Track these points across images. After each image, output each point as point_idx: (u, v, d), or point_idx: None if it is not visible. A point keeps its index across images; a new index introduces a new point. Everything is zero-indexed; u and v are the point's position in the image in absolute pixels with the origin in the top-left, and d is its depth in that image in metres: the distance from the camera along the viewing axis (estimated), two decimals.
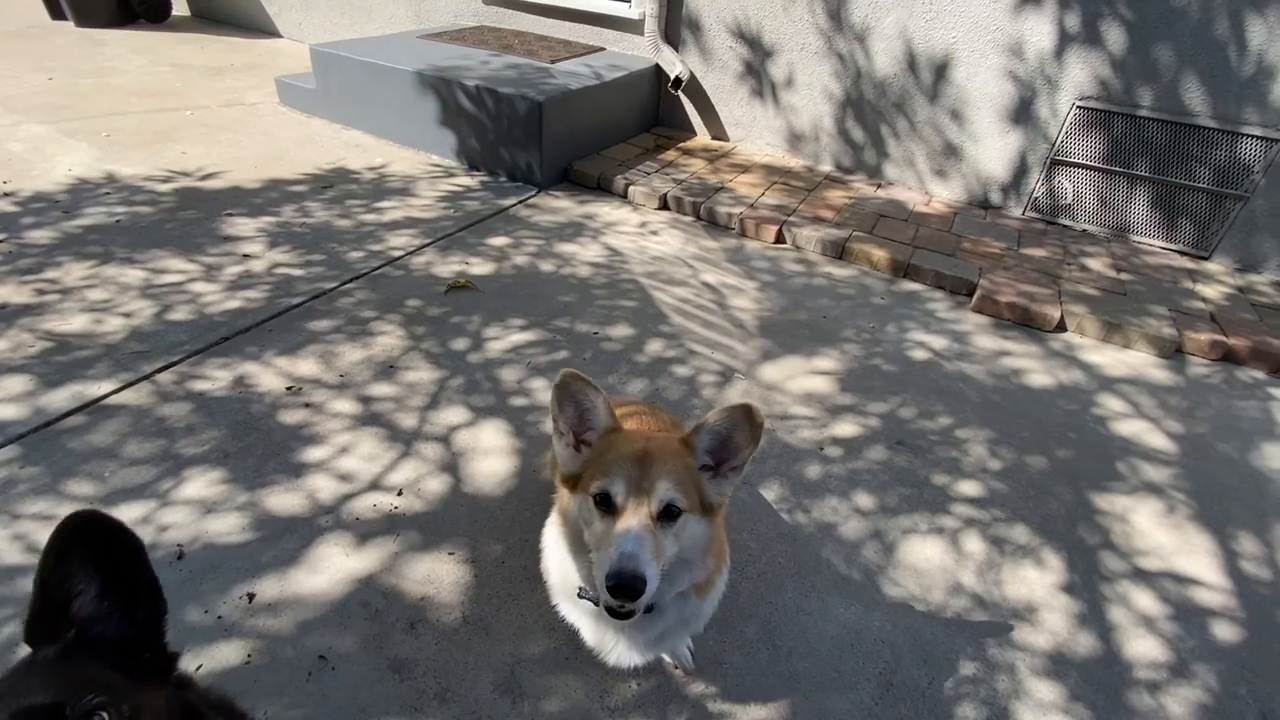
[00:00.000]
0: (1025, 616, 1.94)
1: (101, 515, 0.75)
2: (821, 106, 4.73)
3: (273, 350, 2.62)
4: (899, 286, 3.65)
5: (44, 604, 0.74)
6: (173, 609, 1.67)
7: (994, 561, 2.10)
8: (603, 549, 1.11)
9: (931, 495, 2.32)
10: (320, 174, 4.17)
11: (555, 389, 1.20)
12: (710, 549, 1.27)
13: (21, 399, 2.25)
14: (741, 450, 1.22)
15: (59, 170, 3.85)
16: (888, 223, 4.13)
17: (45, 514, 1.88)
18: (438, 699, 1.57)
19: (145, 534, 1.85)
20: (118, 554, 0.77)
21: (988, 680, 1.75)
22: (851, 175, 4.85)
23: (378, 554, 1.88)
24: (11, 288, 2.81)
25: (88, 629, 0.76)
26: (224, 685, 1.53)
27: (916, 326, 3.30)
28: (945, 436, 2.60)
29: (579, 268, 3.48)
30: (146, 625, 0.81)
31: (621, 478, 1.14)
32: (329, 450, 2.20)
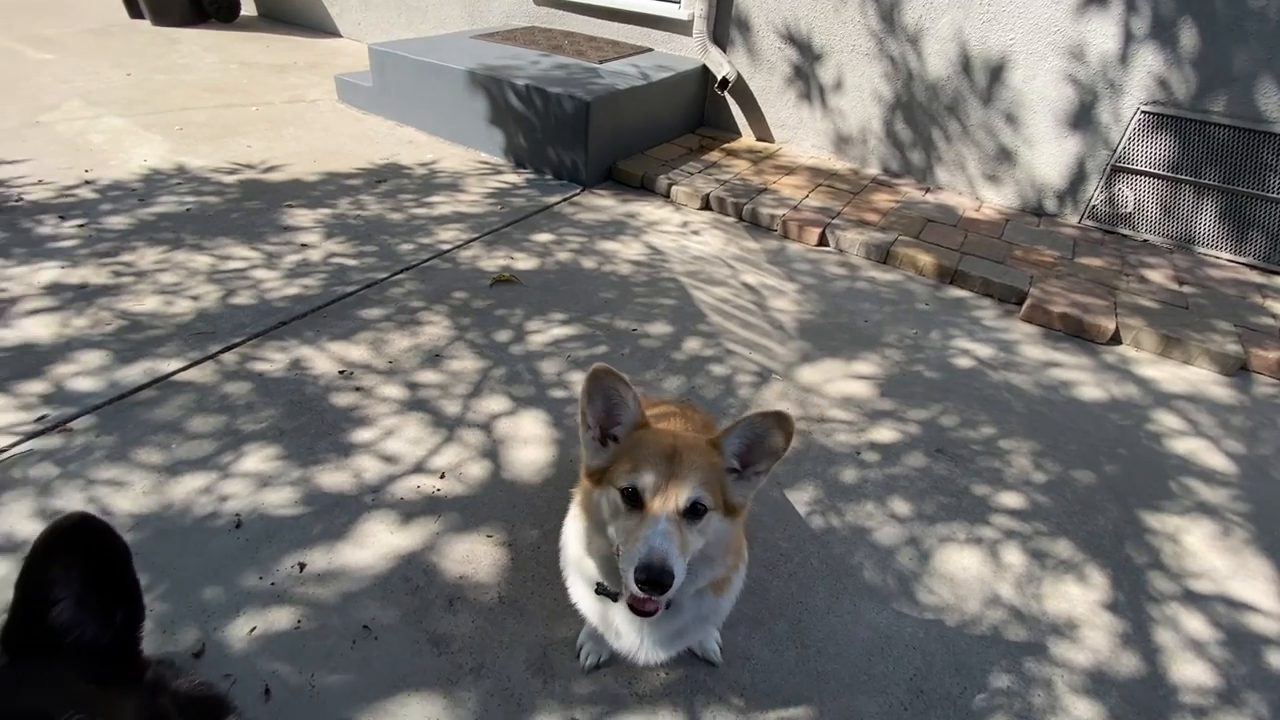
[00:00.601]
0: (1065, 633, 1.89)
1: (93, 520, 0.74)
2: (870, 109, 4.67)
3: (327, 336, 2.73)
4: (945, 293, 3.58)
5: (24, 611, 0.73)
6: (229, 576, 1.78)
7: (1034, 575, 2.05)
8: (629, 542, 1.13)
9: (971, 505, 2.28)
10: (374, 169, 4.32)
11: (586, 382, 1.23)
12: (730, 548, 1.29)
13: (99, 372, 2.41)
14: (769, 456, 1.23)
15: (135, 161, 4.09)
16: (935, 228, 4.05)
17: (117, 480, 2.02)
18: (473, 674, 1.62)
19: (207, 503, 1.97)
20: (104, 558, 0.77)
21: (1023, 694, 1.72)
22: (899, 179, 4.77)
23: (420, 533, 1.96)
24: (91, 269, 3.01)
25: (64, 637, 0.75)
26: (276, 649, 1.62)
27: (961, 334, 3.23)
28: (988, 446, 2.55)
29: (620, 265, 3.52)
30: (122, 631, 0.81)
31: (650, 473, 1.16)
32: (377, 432, 2.29)
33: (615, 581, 1.27)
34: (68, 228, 3.30)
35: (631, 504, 1.16)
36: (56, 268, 2.99)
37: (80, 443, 2.13)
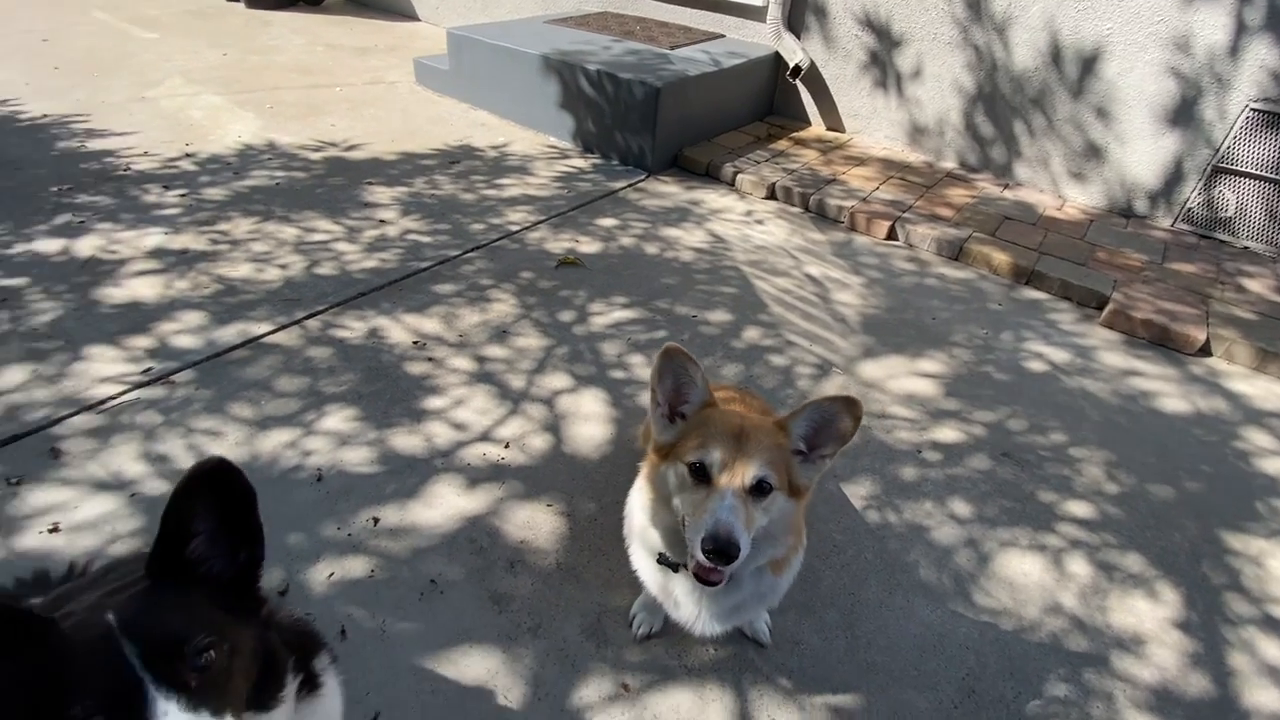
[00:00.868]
0: (1130, 647, 1.83)
1: (227, 464, 0.82)
2: (949, 100, 4.50)
3: (402, 308, 2.87)
4: (1019, 294, 3.45)
5: (168, 540, 0.81)
6: (311, 524, 1.91)
7: (1100, 587, 1.99)
8: (696, 515, 1.17)
9: (1036, 511, 2.22)
10: (448, 150, 4.46)
11: (657, 360, 1.27)
12: (792, 528, 1.31)
13: (198, 331, 2.61)
14: (836, 440, 1.25)
15: (230, 136, 4.35)
16: (1013, 225, 3.89)
17: (213, 430, 2.19)
18: (531, 633, 1.70)
19: (291, 457, 2.12)
20: (235, 500, 0.85)
21: (1080, 704, 1.68)
22: (976, 173, 4.60)
23: (484, 498, 2.05)
24: (191, 236, 3.23)
25: (198, 568, 0.85)
26: (351, 594, 1.74)
27: (1035, 337, 3.11)
28: (1057, 453, 2.47)
29: (682, 252, 3.54)
30: (245, 569, 0.89)
31: (718, 449, 1.20)
32: (447, 401, 2.40)
33: (678, 553, 1.31)
34: (170, 197, 3.55)
35: (699, 479, 1.20)
36: (161, 234, 3.23)
37: (180, 395, 2.32)
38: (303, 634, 1.04)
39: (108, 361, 2.42)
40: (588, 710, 1.56)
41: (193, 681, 0.72)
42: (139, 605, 0.77)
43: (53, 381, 2.31)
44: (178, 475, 1.99)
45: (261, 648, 0.86)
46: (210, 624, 0.78)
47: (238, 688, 0.78)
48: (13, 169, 3.65)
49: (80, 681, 0.68)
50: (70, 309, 2.66)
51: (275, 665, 0.87)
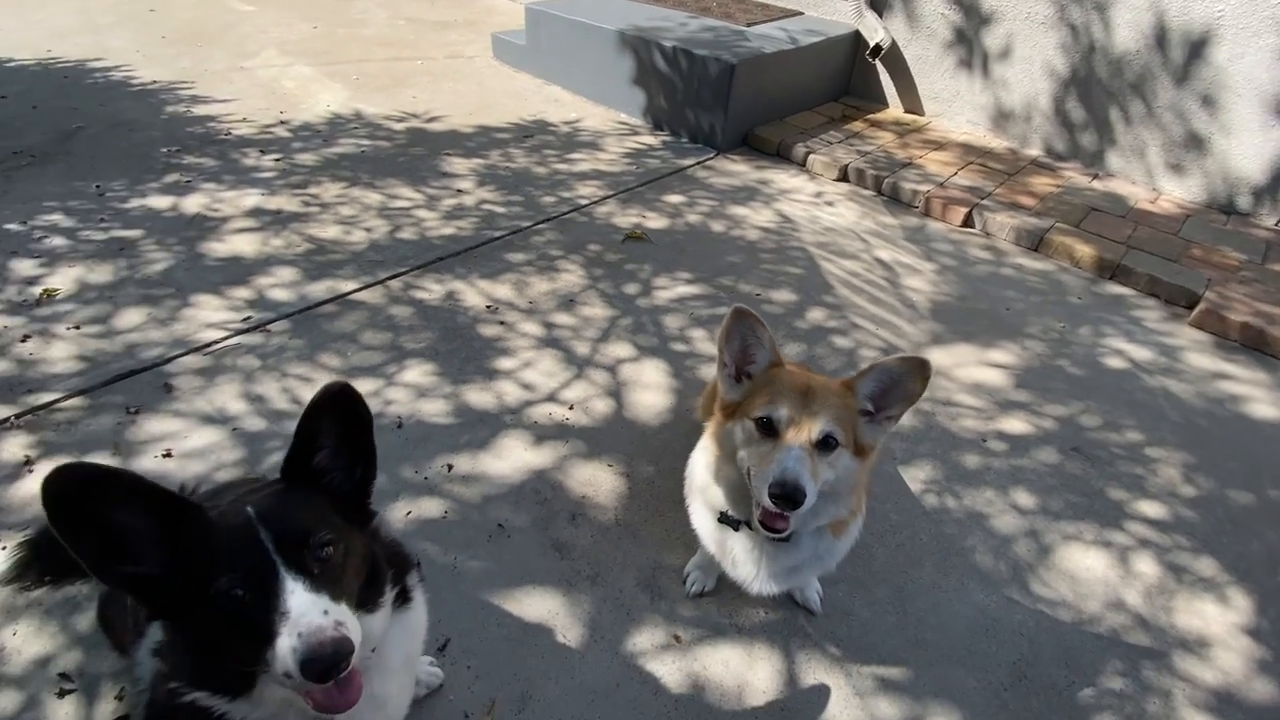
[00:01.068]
0: (1194, 649, 1.78)
1: (351, 388, 0.93)
2: (1039, 83, 4.30)
3: (477, 274, 2.99)
4: (1102, 288, 3.31)
5: (300, 449, 0.93)
6: (391, 466, 2.05)
7: (1167, 588, 1.93)
8: (763, 464, 1.21)
9: (1104, 507, 2.16)
10: (523, 124, 4.57)
11: (726, 320, 1.31)
12: (854, 490, 1.34)
13: (291, 286, 2.80)
14: (903, 400, 1.27)
15: (320, 105, 4.57)
16: (1100, 217, 3.71)
17: (305, 376, 2.36)
18: (589, 580, 1.80)
19: (375, 405, 2.27)
20: (353, 422, 0.96)
21: (1136, 699, 1.66)
22: (1063, 162, 4.38)
23: (549, 454, 2.15)
24: (285, 198, 3.45)
25: (321, 477, 0.97)
26: (426, 532, 1.87)
27: (1116, 333, 2.99)
28: (1131, 452, 2.38)
29: (748, 231, 3.54)
30: (359, 484, 1.01)
31: (785, 405, 1.23)
32: (516, 363, 2.51)
33: (740, 510, 1.36)
34: (267, 161, 3.79)
35: (766, 433, 1.24)
36: (258, 195, 3.45)
37: (276, 342, 2.50)
38: (397, 554, 1.15)
39: (212, 309, 2.64)
40: (640, 656, 1.64)
41: (315, 569, 0.82)
42: (273, 501, 0.88)
43: (165, 324, 2.54)
44: (274, 415, 2.18)
45: (369, 555, 0.96)
46: (331, 524, 0.89)
47: (350, 584, 0.88)
48: (127, 130, 3.96)
49: (225, 559, 0.80)
50: (180, 260, 2.90)
51: (378, 573, 0.98)
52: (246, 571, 0.79)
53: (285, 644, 0.74)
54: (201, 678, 0.85)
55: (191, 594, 0.79)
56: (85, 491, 0.74)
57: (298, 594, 0.78)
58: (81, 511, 0.75)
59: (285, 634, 0.75)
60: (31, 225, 3.01)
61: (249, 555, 0.80)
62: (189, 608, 0.80)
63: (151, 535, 0.80)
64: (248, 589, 0.78)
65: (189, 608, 0.80)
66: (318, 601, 0.78)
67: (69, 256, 2.84)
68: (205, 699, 0.85)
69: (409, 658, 1.11)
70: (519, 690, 1.55)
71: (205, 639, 0.82)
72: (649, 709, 1.54)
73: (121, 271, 2.79)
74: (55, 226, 3.03)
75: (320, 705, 0.81)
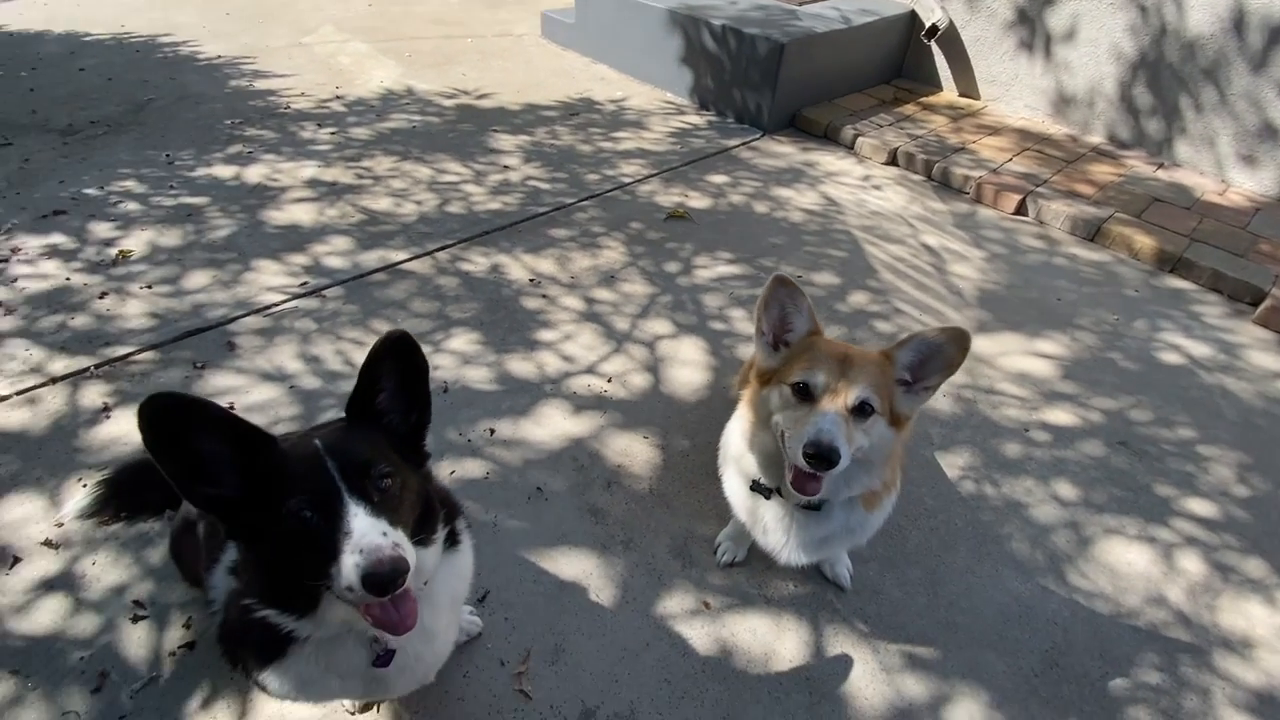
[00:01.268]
0: (1237, 649, 1.74)
1: (410, 337, 0.99)
2: (1105, 67, 4.12)
3: (521, 248, 3.05)
4: (1160, 281, 3.18)
5: (363, 390, 1.01)
6: (436, 429, 2.13)
7: (1212, 586, 1.88)
8: (798, 426, 1.23)
9: (1149, 503, 2.11)
10: (569, 102, 4.60)
11: (765, 288, 1.32)
12: (888, 462, 1.34)
13: (345, 254, 2.91)
14: (941, 370, 1.27)
15: (374, 81, 4.69)
16: (1163, 208, 3.56)
17: (358, 340, 2.46)
18: (622, 545, 1.85)
19: None
20: (411, 368, 1.02)
21: (1172, 694, 1.63)
22: (1126, 150, 4.20)
23: (587, 423, 2.21)
24: (340, 170, 3.56)
25: (381, 417, 1.04)
26: (469, 491, 1.95)
27: (1174, 327, 2.88)
28: (1182, 449, 2.31)
29: (792, 213, 3.51)
30: (415, 428, 1.07)
31: (822, 371, 1.25)
32: (557, 335, 2.56)
33: (773, 476, 1.38)
34: (323, 134, 3.91)
35: (802, 398, 1.25)
36: (315, 166, 3.57)
37: (331, 307, 2.61)
38: (447, 500, 1.21)
39: (272, 274, 2.76)
40: (670, 619, 1.69)
41: (375, 497, 0.89)
42: (339, 435, 0.95)
43: (228, 287, 2.67)
44: (328, 375, 2.28)
45: (423, 492, 1.02)
46: (389, 459, 0.95)
47: (406, 515, 0.94)
48: (194, 102, 4.14)
49: (295, 483, 0.87)
50: (242, 227, 3.04)
51: (431, 510, 1.04)
52: (314, 495, 0.86)
53: (348, 560, 0.81)
54: (271, 595, 0.93)
55: (265, 515, 0.86)
56: (175, 416, 0.82)
57: (360, 517, 0.84)
58: (171, 434, 0.82)
59: (348, 551, 0.81)
60: (108, 190, 3.19)
61: (317, 481, 0.86)
62: (263, 528, 0.87)
63: (230, 461, 0.87)
64: (315, 510, 0.85)
65: (263, 528, 0.87)
66: (377, 524, 0.84)
67: (141, 221, 3.00)
68: (274, 616, 0.93)
69: (456, 598, 1.17)
70: (552, 643, 1.61)
71: (276, 556, 0.89)
72: (677, 669, 1.59)
73: (189, 236, 2.94)
74: (129, 192, 3.20)
75: (379, 622, 0.87)
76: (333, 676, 1.02)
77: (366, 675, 1.05)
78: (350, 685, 1.06)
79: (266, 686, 1.02)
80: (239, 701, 1.45)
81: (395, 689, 1.13)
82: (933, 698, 1.59)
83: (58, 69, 4.45)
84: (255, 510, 0.87)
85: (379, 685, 1.09)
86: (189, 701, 1.44)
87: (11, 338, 2.32)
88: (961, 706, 1.58)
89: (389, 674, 1.06)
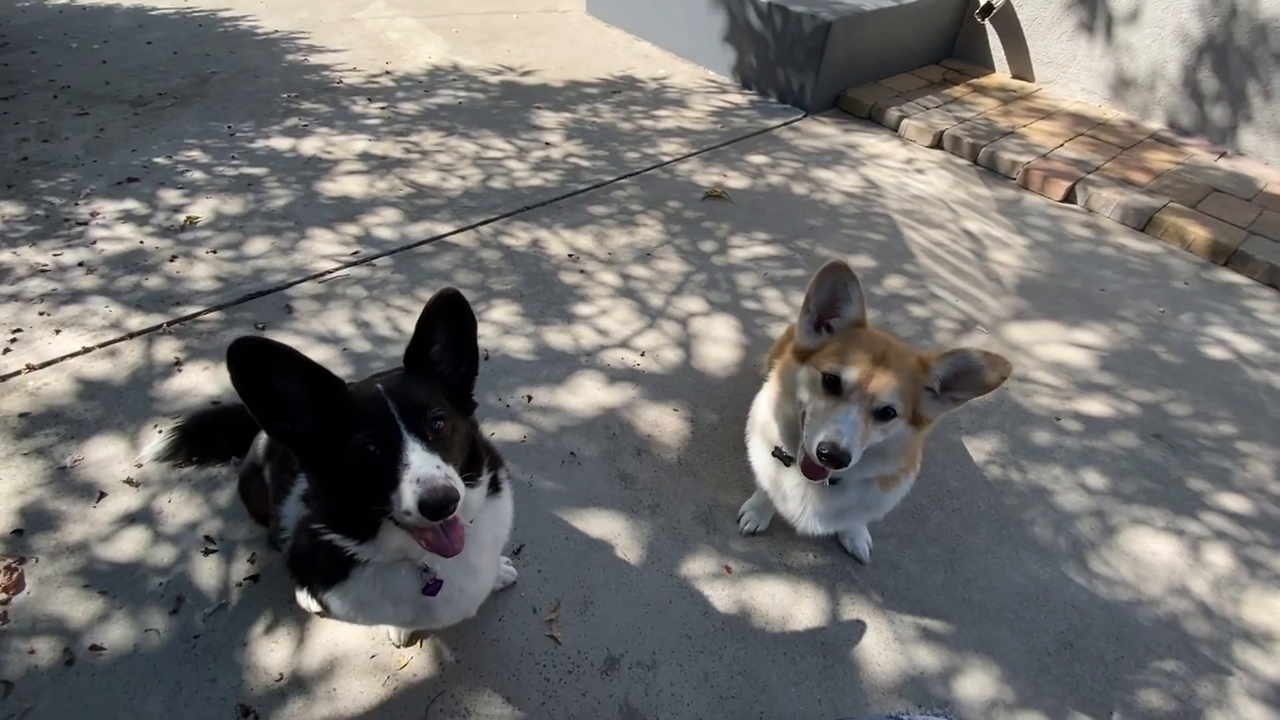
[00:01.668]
0: (1259, 642, 1.74)
1: (460, 295, 1.09)
2: (1169, 49, 3.95)
3: (560, 224, 3.13)
4: (1213, 274, 3.09)
5: (419, 342, 1.11)
6: (478, 394, 2.23)
7: (1239, 580, 1.88)
8: (818, 419, 1.29)
9: (1181, 496, 2.10)
10: (611, 80, 4.63)
11: (820, 272, 1.36)
12: (905, 453, 1.38)
13: (394, 226, 3.03)
14: (973, 390, 1.30)
15: (422, 57, 4.78)
16: (1221, 199, 3.44)
17: (405, 307, 2.59)
18: (650, 510, 1.94)
19: None
20: (461, 323, 1.11)
21: (1188, 681, 1.65)
22: (1187, 137, 4.04)
23: (620, 395, 2.29)
24: (389, 144, 3.68)
25: (435, 368, 1.13)
26: (507, 453, 2.06)
27: (1222, 322, 2.81)
28: (1221, 444, 2.28)
29: (831, 195, 3.50)
30: (464, 379, 1.17)
31: (856, 368, 1.29)
32: (593, 309, 2.65)
33: (793, 447, 1.44)
34: (373, 109, 4.03)
35: (830, 388, 1.30)
36: (366, 140, 3.70)
37: (380, 276, 2.74)
38: (491, 451, 1.31)
39: (325, 242, 2.90)
40: (693, 580, 1.78)
41: (430, 436, 0.99)
42: (398, 381, 1.06)
43: (286, 253, 2.82)
44: (378, 340, 2.41)
45: (471, 437, 1.13)
46: (442, 404, 1.05)
47: (456, 456, 1.04)
48: (253, 75, 4.30)
49: (361, 420, 0.97)
50: (298, 197, 3.18)
51: (478, 454, 1.14)
52: (377, 431, 0.96)
53: (408, 488, 0.91)
54: (337, 521, 1.04)
55: (334, 448, 0.97)
56: (259, 358, 0.93)
57: (417, 451, 0.94)
58: (255, 374, 0.93)
59: (407, 481, 0.92)
60: (175, 160, 3.37)
61: (380, 419, 0.97)
62: (331, 459, 0.98)
63: (305, 400, 0.98)
64: (378, 445, 0.95)
65: (331, 459, 0.98)
66: (431, 458, 0.94)
67: (206, 189, 3.18)
68: (339, 540, 1.04)
69: (497, 540, 1.28)
70: (581, 595, 1.72)
71: (343, 485, 1.00)
72: (697, 626, 1.68)
73: (250, 204, 3.10)
74: (194, 162, 3.37)
75: (431, 545, 0.98)
76: (387, 601, 1.14)
77: (416, 603, 1.16)
78: (401, 611, 1.17)
79: (329, 606, 1.14)
80: (297, 630, 1.60)
81: (441, 619, 1.24)
82: (944, 668, 1.65)
83: (127, 41, 4.66)
84: (326, 444, 0.98)
85: (427, 614, 1.20)
86: (254, 627, 1.59)
87: (93, 295, 2.51)
88: (972, 678, 1.63)
89: (436, 603, 1.17)
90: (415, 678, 1.54)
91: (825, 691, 1.58)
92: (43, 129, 3.52)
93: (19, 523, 1.77)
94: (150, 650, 1.54)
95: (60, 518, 1.79)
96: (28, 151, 3.33)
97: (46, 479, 1.88)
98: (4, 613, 1.58)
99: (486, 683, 1.54)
